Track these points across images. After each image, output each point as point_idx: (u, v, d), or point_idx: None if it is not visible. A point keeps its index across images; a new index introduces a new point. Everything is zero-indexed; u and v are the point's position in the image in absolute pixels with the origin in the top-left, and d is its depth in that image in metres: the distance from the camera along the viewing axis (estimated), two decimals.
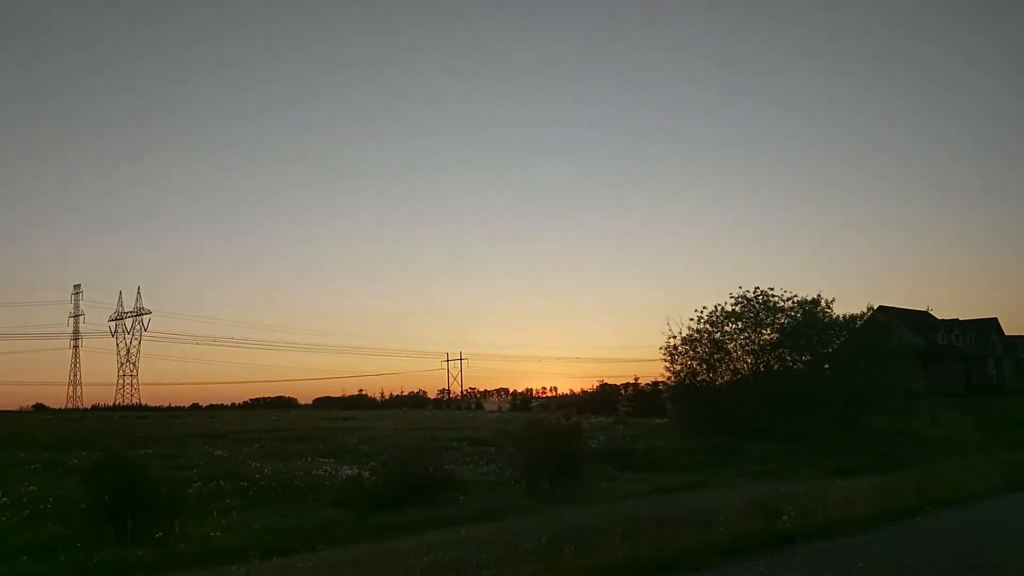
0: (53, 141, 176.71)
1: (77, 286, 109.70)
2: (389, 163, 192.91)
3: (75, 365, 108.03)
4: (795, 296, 39.24)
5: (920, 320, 67.82)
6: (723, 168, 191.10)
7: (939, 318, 71.83)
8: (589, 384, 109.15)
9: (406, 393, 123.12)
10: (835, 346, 40.48)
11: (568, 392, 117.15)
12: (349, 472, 23.83)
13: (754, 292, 38.96)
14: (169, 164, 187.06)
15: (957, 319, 73.04)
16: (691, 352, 38.95)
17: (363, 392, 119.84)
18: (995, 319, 75.55)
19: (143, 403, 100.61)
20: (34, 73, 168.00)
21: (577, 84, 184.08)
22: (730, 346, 39.00)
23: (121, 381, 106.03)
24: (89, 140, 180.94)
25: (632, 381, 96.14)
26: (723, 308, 38.96)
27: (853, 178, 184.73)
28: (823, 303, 39.83)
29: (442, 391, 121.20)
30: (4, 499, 18.05)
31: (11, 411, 74.98)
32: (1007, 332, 75.59)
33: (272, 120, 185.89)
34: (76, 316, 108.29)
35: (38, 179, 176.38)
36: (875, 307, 57.07)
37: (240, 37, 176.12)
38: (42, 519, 16.30)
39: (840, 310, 41.56)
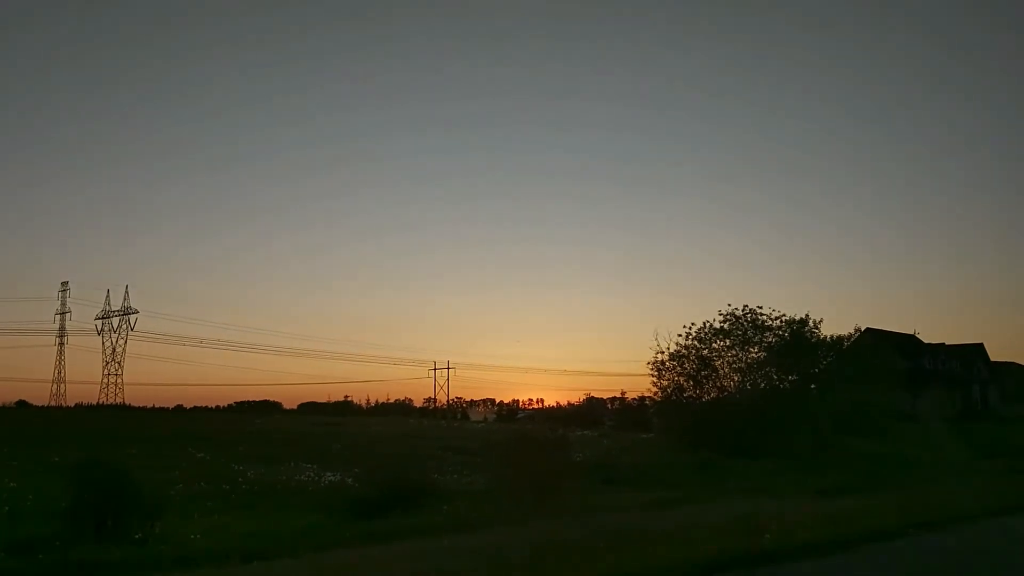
0: (43, 138, 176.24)
1: (64, 283, 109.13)
2: (381, 170, 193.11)
3: (60, 362, 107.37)
4: (783, 315, 39.31)
5: (907, 343, 68.16)
6: (714, 185, 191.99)
7: (926, 342, 72.25)
8: (576, 397, 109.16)
9: (392, 400, 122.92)
10: (822, 366, 40.56)
11: (554, 404, 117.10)
12: (332, 478, 23.74)
13: (743, 310, 39.03)
14: (160, 164, 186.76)
15: (944, 343, 73.49)
16: (678, 368, 38.97)
17: (349, 398, 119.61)
18: (981, 345, 76.14)
19: (127, 403, 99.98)
20: (26, 71, 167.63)
21: (568, 98, 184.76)
22: (717, 363, 39.03)
23: (106, 380, 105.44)
24: (79, 138, 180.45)
25: (619, 395, 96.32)
26: (711, 325, 39.01)
27: (843, 200, 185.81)
28: (811, 323, 39.92)
29: (428, 400, 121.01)
30: None
31: None
32: (993, 358, 76.09)
33: (263, 123, 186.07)
34: (62, 313, 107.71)
35: (27, 175, 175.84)
36: (862, 329, 57.40)
37: (230, 40, 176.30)
38: (22, 516, 16.15)
39: (828, 331, 41.67)
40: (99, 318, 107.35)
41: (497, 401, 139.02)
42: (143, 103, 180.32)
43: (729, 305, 39.33)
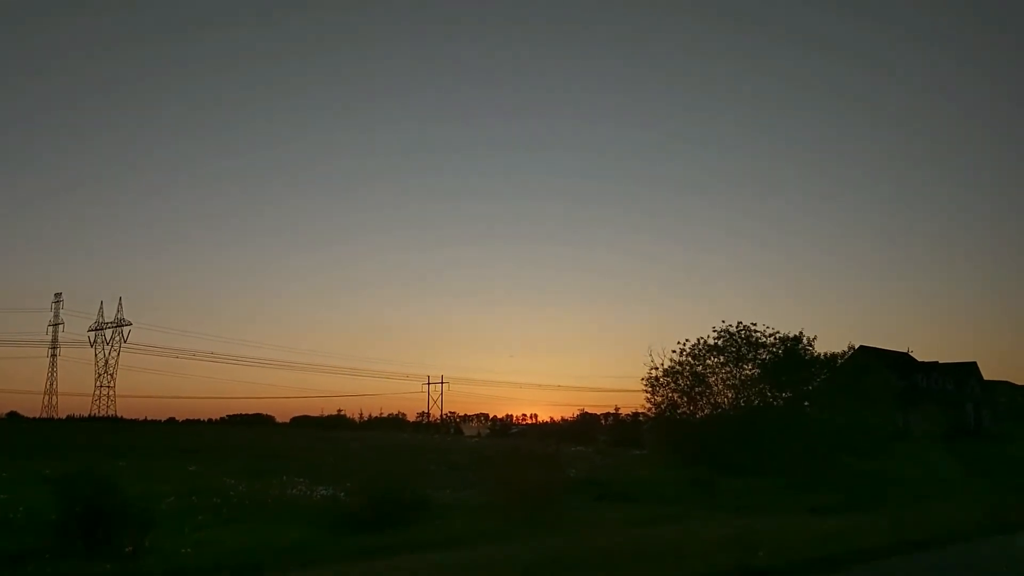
0: (37, 150, 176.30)
1: (58, 295, 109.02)
2: (374, 185, 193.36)
3: (52, 374, 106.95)
4: (777, 332, 39.26)
5: (901, 361, 68.19)
6: (709, 203, 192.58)
7: (919, 360, 72.24)
8: (569, 412, 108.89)
9: (385, 415, 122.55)
10: (816, 384, 40.49)
11: (548, 420, 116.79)
12: (324, 492, 23.62)
13: (736, 326, 38.97)
14: (154, 177, 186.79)
15: (937, 362, 73.46)
16: (672, 384, 38.85)
17: (342, 412, 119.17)
18: (974, 363, 76.09)
19: (119, 415, 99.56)
20: (22, 82, 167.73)
21: (562, 114, 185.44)
22: (711, 380, 38.92)
23: (98, 392, 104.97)
24: (74, 151, 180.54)
25: (613, 411, 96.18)
26: (705, 341, 38.94)
27: (839, 218, 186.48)
28: (805, 340, 39.85)
29: (421, 414, 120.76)
30: None
31: None
32: (986, 377, 76.11)
33: (258, 136, 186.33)
34: (55, 325, 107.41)
35: (22, 187, 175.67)
36: (856, 346, 57.40)
37: (224, 55, 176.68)
38: (12, 529, 16.05)
39: (821, 348, 41.60)
40: (92, 330, 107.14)
41: (491, 416, 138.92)
42: (137, 116, 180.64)
43: (723, 321, 39.28)
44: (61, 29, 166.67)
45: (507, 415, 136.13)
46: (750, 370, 38.77)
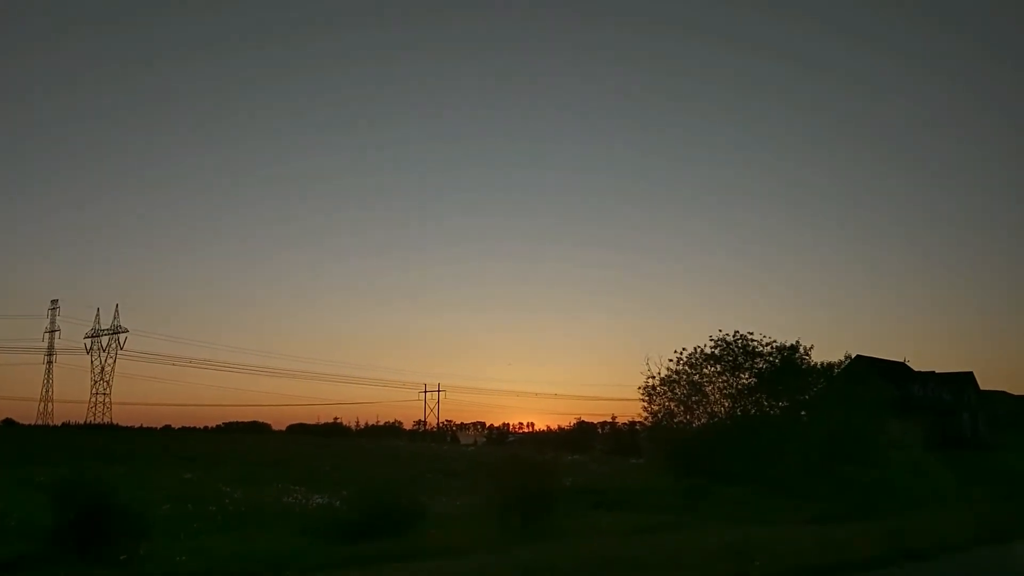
0: (33, 156, 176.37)
1: (54, 301, 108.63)
2: (370, 194, 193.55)
3: (48, 381, 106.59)
4: (774, 341, 39.21)
5: (897, 371, 68.14)
6: (706, 212, 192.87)
7: (916, 370, 72.21)
8: (566, 421, 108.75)
9: (382, 423, 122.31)
10: (812, 392, 40.44)
11: (545, 428, 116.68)
12: (320, 500, 23.57)
13: (733, 336, 38.94)
14: (151, 183, 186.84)
15: (934, 371, 73.42)
16: (669, 393, 38.73)
17: (338, 420, 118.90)
18: (971, 373, 76.07)
19: (115, 422, 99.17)
20: (18, 89, 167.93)
21: (559, 123, 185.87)
22: (708, 389, 38.85)
23: (93, 399, 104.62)
24: (69, 157, 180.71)
25: (610, 420, 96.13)
26: (702, 351, 38.88)
27: (837, 227, 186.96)
28: (802, 349, 39.80)
29: (418, 422, 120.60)
30: None
31: None
32: (982, 387, 76.08)
33: (252, 143, 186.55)
34: (51, 332, 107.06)
35: (18, 194, 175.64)
36: (853, 355, 57.37)
37: (224, 60, 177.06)
38: (6, 536, 15.99)
39: (818, 357, 41.53)
40: (88, 337, 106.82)
41: (487, 424, 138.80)
42: (134, 122, 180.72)
43: (720, 331, 39.24)
44: (59, 38, 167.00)
45: (504, 424, 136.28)
46: (747, 379, 38.67)
